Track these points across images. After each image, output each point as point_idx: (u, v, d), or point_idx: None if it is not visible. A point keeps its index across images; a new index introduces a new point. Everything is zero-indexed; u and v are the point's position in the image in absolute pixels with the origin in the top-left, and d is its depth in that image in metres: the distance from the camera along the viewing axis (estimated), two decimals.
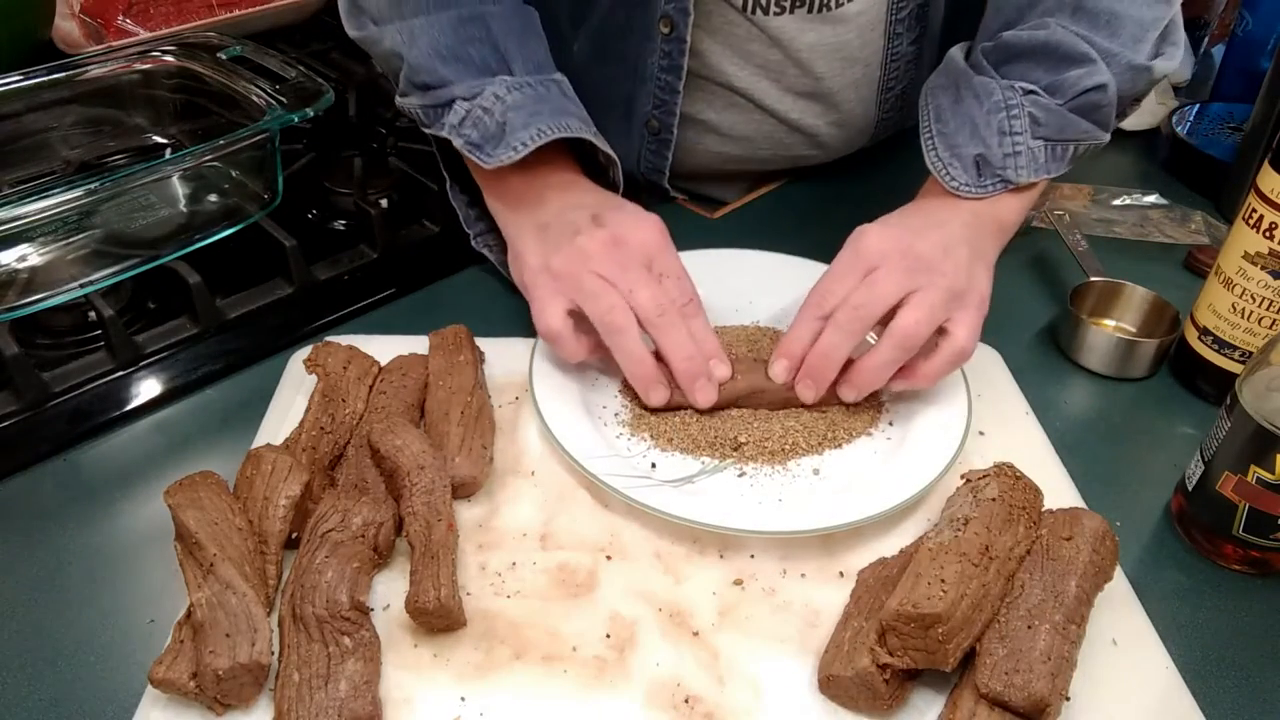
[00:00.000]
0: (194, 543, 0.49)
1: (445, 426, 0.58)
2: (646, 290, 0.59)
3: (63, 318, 0.68)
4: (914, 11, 0.79)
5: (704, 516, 0.54)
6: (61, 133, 0.80)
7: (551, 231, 0.63)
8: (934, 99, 0.68)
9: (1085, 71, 0.63)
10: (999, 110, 0.64)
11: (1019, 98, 0.63)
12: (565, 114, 0.66)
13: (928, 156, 0.66)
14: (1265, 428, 0.52)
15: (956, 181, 0.65)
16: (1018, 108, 0.63)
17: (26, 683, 0.48)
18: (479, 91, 0.65)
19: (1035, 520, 0.52)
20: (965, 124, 0.65)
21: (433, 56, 0.66)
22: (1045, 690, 0.43)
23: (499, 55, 0.67)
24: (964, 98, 0.65)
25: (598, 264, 0.59)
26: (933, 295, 0.58)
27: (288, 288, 0.74)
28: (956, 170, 0.65)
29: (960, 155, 0.65)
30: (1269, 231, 0.62)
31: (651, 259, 0.61)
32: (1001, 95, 0.64)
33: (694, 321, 0.61)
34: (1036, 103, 0.63)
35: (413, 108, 0.69)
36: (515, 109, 0.64)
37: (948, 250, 0.59)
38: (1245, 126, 0.92)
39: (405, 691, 0.47)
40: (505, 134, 0.64)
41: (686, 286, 0.61)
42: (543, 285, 0.62)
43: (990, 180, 0.64)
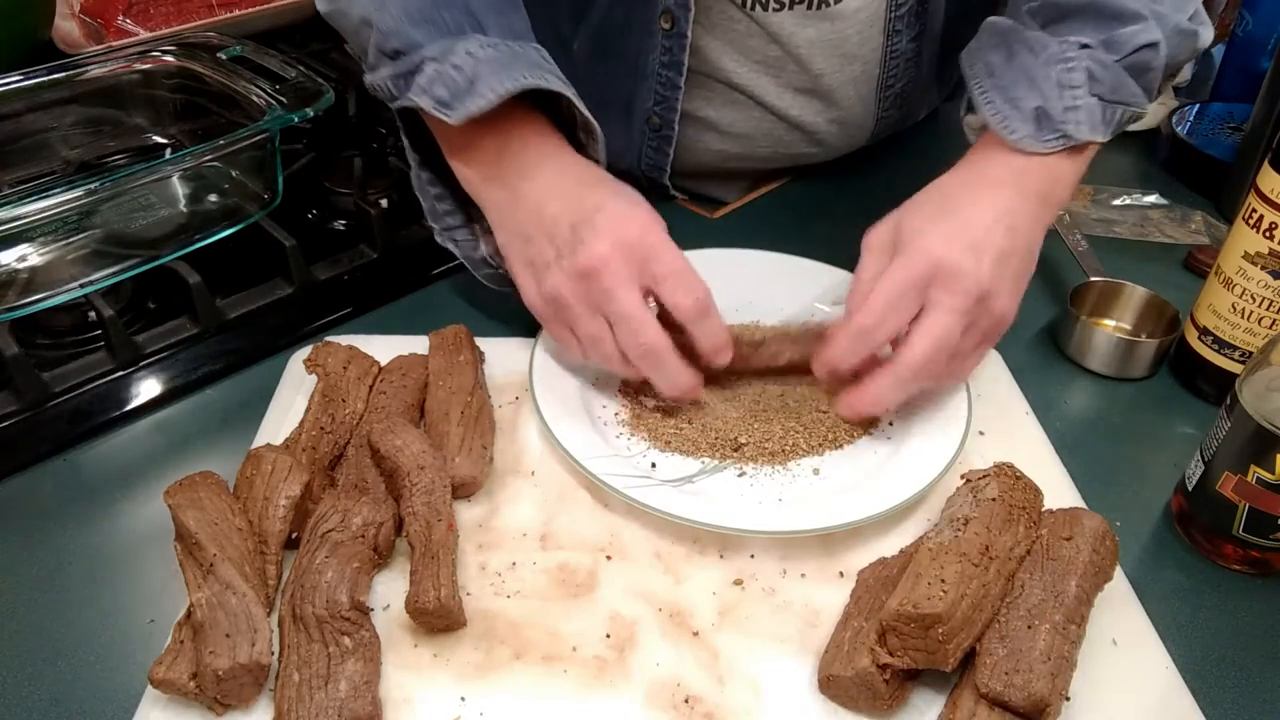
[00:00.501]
0: (194, 543, 0.49)
1: (445, 426, 0.58)
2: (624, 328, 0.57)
3: (63, 318, 0.68)
4: (913, 9, 0.79)
5: (704, 516, 0.54)
6: (61, 133, 0.80)
7: (534, 248, 0.61)
8: (982, 57, 0.65)
9: (1139, 28, 0.61)
10: (1056, 62, 0.61)
11: (1075, 51, 0.61)
12: (541, 69, 0.62)
13: (985, 110, 0.63)
14: (1265, 428, 0.52)
15: (1018, 134, 0.61)
16: (1075, 61, 0.61)
17: (26, 683, 0.48)
18: (450, 49, 0.61)
19: (1035, 520, 0.52)
20: (1021, 77, 0.62)
21: (403, 20, 0.62)
22: (1045, 690, 0.43)
23: (474, 19, 0.63)
24: (1017, 52, 0.63)
25: (583, 294, 0.58)
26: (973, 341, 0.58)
27: (288, 288, 0.74)
28: (1017, 122, 0.62)
29: (1020, 106, 0.62)
30: (1269, 231, 0.62)
31: (643, 264, 0.57)
32: (1057, 48, 0.61)
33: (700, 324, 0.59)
34: (1093, 57, 0.61)
35: (383, 81, 0.65)
36: (487, 63, 0.60)
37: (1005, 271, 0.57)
38: (1245, 126, 0.92)
39: (405, 691, 0.47)
40: (475, 86, 0.59)
41: (688, 285, 0.58)
42: (547, 318, 0.62)
43: (1051, 134, 0.61)
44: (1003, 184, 0.60)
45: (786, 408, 0.63)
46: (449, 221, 0.70)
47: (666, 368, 0.58)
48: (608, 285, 0.57)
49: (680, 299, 0.58)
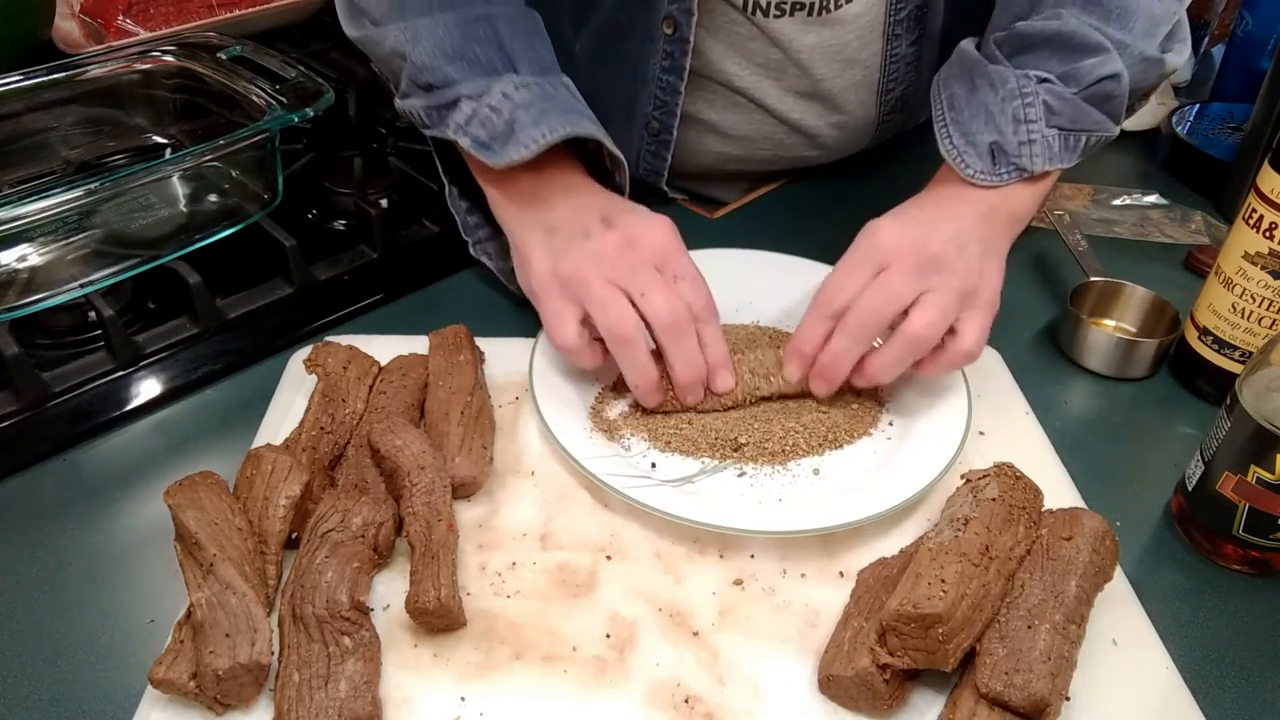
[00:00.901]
0: (194, 543, 0.49)
1: (445, 426, 0.58)
2: (659, 294, 0.58)
3: (63, 318, 0.68)
4: (913, 14, 0.79)
5: (704, 516, 0.54)
6: (61, 133, 0.80)
7: (559, 235, 0.63)
8: (947, 88, 0.67)
9: (1099, 61, 0.63)
10: (1014, 98, 0.63)
11: (1033, 85, 0.63)
12: (575, 113, 0.66)
13: (942, 145, 0.65)
14: (1265, 428, 0.52)
15: (972, 169, 0.64)
16: (1032, 95, 0.63)
17: (26, 683, 0.48)
18: (486, 90, 0.64)
19: (1035, 520, 0.52)
20: (980, 112, 0.65)
21: (438, 56, 0.65)
22: (1045, 690, 0.43)
23: (505, 56, 0.66)
24: (979, 86, 0.65)
25: (608, 268, 0.59)
26: (944, 297, 0.58)
27: (288, 288, 0.74)
28: (971, 158, 0.64)
29: (975, 143, 0.64)
30: (1269, 231, 0.62)
31: (664, 261, 0.60)
32: (1016, 83, 0.63)
33: (706, 328, 0.60)
34: (1051, 91, 0.63)
35: (415, 109, 0.68)
36: (524, 107, 0.63)
37: (961, 247, 0.59)
38: (1245, 126, 0.92)
39: (405, 691, 0.47)
40: (515, 132, 0.63)
41: (701, 289, 0.60)
42: (552, 293, 0.61)
43: (1005, 168, 0.64)
44: (960, 216, 0.62)
45: (786, 408, 0.63)
46: (480, 235, 0.74)
47: (686, 344, 0.59)
48: (643, 258, 0.59)
49: (693, 298, 0.60)
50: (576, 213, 0.63)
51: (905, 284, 0.58)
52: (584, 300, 0.59)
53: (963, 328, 0.59)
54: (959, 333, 0.59)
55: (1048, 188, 0.67)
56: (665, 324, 0.58)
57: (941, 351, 0.59)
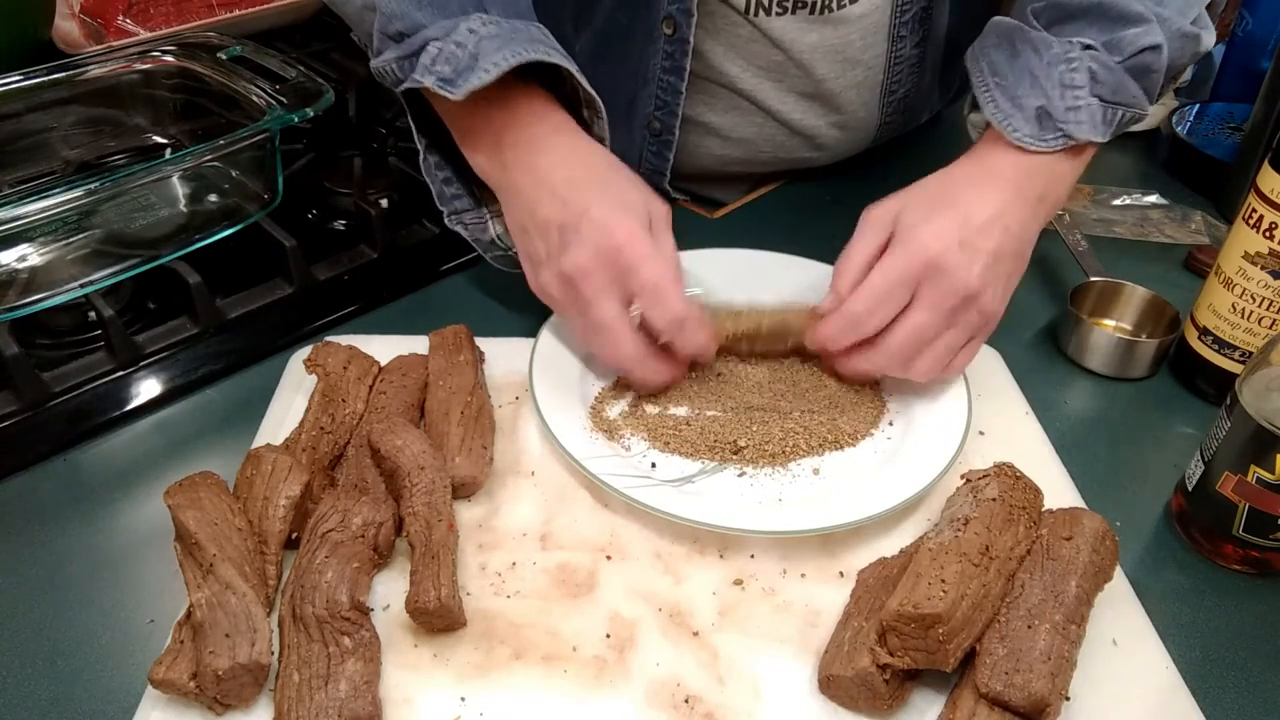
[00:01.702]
0: (193, 543, 0.49)
1: (445, 426, 0.58)
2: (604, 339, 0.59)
3: (63, 318, 0.68)
4: (918, 15, 0.79)
5: (704, 516, 0.54)
6: (61, 133, 0.80)
7: (532, 240, 0.62)
8: (986, 57, 0.66)
9: (1141, 30, 0.62)
10: (1059, 62, 0.62)
11: (1078, 51, 0.62)
12: (541, 44, 0.62)
13: (987, 109, 0.64)
14: (1265, 428, 0.52)
15: (1020, 132, 0.62)
16: (1078, 61, 0.62)
17: (26, 683, 0.48)
18: (453, 29, 0.61)
19: (1035, 520, 0.52)
20: (1024, 76, 0.63)
21: (406, 2, 0.63)
22: (1045, 690, 0.43)
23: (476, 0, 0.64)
24: (1021, 51, 0.64)
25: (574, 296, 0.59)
26: (960, 337, 0.59)
27: (288, 288, 0.74)
28: (1019, 121, 0.63)
29: (1022, 106, 0.63)
30: (1269, 231, 0.62)
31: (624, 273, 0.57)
32: (1060, 49, 0.62)
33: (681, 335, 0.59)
34: (1096, 58, 0.62)
35: (387, 65, 0.65)
36: (489, 39, 0.61)
37: (996, 274, 0.58)
38: (1245, 126, 0.92)
39: (405, 691, 0.47)
40: (477, 61, 0.60)
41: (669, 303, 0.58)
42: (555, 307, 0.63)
43: (1052, 134, 0.62)
44: (1004, 182, 0.61)
45: (786, 409, 0.63)
46: (457, 205, 0.70)
47: (645, 372, 0.61)
48: (587, 295, 0.58)
49: (655, 316, 0.58)
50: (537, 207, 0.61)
51: (936, 326, 0.59)
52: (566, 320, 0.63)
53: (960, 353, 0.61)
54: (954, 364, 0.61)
55: (1081, 168, 0.66)
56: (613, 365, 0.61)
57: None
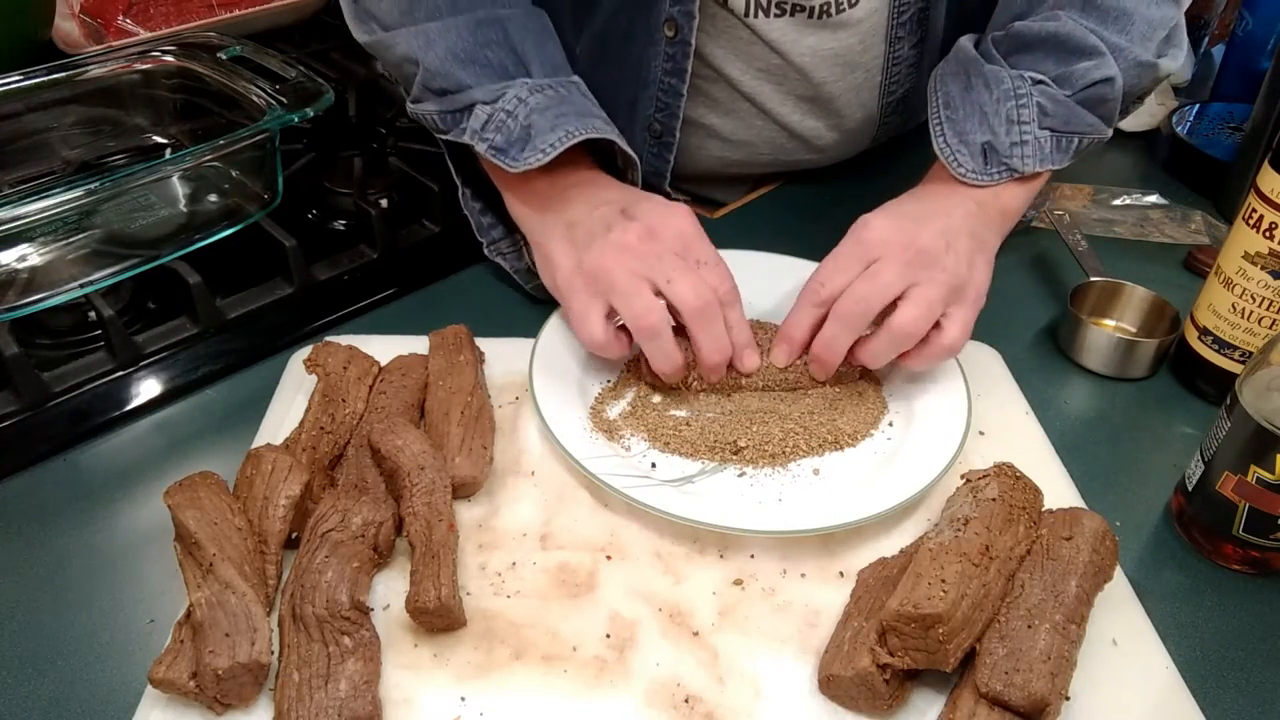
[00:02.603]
0: (193, 543, 0.49)
1: (445, 426, 0.58)
2: (685, 280, 0.58)
3: (63, 318, 0.68)
4: (915, 16, 0.79)
5: (704, 516, 0.54)
6: (61, 133, 0.80)
7: (580, 229, 0.63)
8: (943, 86, 0.68)
9: (1094, 64, 0.64)
10: (1008, 98, 0.64)
11: (1028, 87, 0.64)
12: (589, 115, 0.66)
13: (936, 143, 0.66)
14: (1265, 428, 0.52)
15: (964, 169, 0.65)
16: (1026, 97, 0.64)
17: (26, 682, 0.48)
18: (500, 95, 0.65)
19: (1035, 520, 0.52)
20: (974, 111, 0.65)
21: (450, 60, 0.66)
22: (1045, 690, 0.43)
23: (517, 58, 0.67)
24: (974, 85, 0.66)
25: (631, 259, 0.59)
26: (932, 291, 0.58)
27: (288, 288, 0.74)
28: (964, 157, 0.65)
29: (968, 142, 0.65)
30: (1269, 231, 0.62)
31: (686, 247, 0.60)
32: (1011, 84, 0.64)
33: (731, 311, 0.60)
34: (1045, 93, 0.64)
35: (428, 114, 0.68)
36: (539, 111, 0.64)
37: (950, 242, 0.60)
38: (1245, 126, 0.92)
39: (405, 691, 0.47)
40: (531, 137, 0.64)
41: (724, 273, 0.60)
42: (577, 289, 0.61)
43: (997, 168, 0.65)
44: (950, 211, 0.63)
45: (786, 410, 0.63)
46: (494, 235, 0.74)
47: (714, 327, 0.59)
48: (665, 246, 0.59)
49: (716, 282, 0.60)
50: (595, 207, 0.63)
51: (895, 276, 0.58)
52: (609, 293, 0.59)
53: (947, 323, 0.59)
54: (943, 327, 0.60)
55: (1039, 186, 0.68)
56: (693, 309, 0.58)
57: (925, 344, 0.60)
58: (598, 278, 0.59)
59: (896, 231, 0.59)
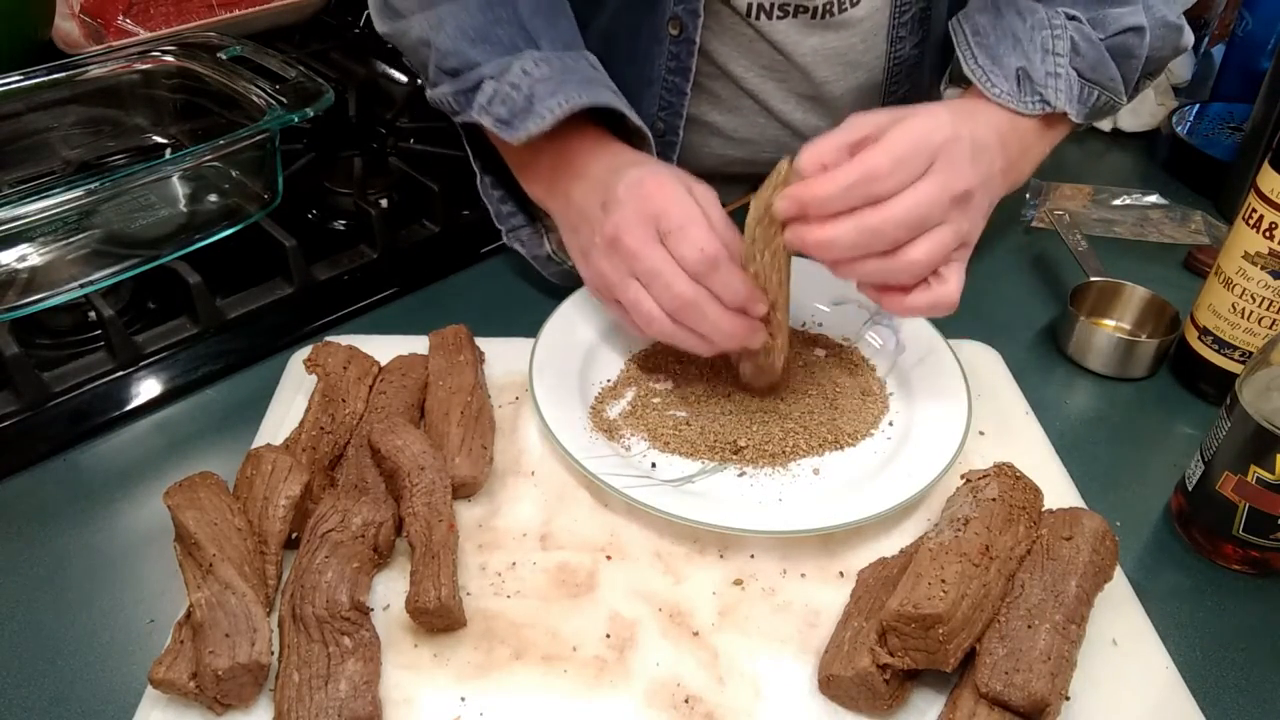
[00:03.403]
0: (193, 543, 0.49)
1: (445, 426, 0.58)
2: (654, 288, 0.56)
3: (63, 318, 0.68)
4: (916, 16, 0.79)
5: (704, 516, 0.54)
6: (61, 133, 0.79)
7: (580, 235, 0.63)
8: (969, 20, 0.67)
9: (1127, 11, 0.63)
10: (1043, 27, 0.62)
11: (1062, 19, 0.62)
12: (594, 84, 0.65)
13: (968, 65, 0.64)
14: (1265, 428, 0.52)
15: (999, 89, 0.63)
16: (1061, 29, 0.62)
17: (26, 682, 0.48)
18: (507, 68, 0.64)
19: (1035, 520, 0.52)
20: (1006, 36, 0.64)
21: (460, 39, 0.65)
22: (1045, 690, 0.43)
23: (527, 34, 0.66)
24: (1005, 14, 0.64)
25: (606, 282, 0.59)
26: (951, 237, 0.54)
27: (288, 288, 0.74)
28: (998, 78, 0.63)
29: (1003, 64, 0.63)
30: (1269, 231, 0.62)
31: (657, 217, 0.56)
32: (1045, 14, 0.63)
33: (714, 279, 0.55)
34: (1079, 29, 0.62)
35: (444, 97, 0.68)
36: (542, 81, 0.63)
37: (983, 192, 0.56)
38: (1245, 126, 0.92)
39: (405, 691, 0.47)
40: (533, 105, 0.62)
41: (695, 236, 0.55)
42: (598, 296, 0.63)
43: (1031, 96, 0.62)
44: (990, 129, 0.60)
45: (786, 410, 0.63)
46: (513, 223, 0.73)
47: (707, 315, 0.56)
48: (631, 247, 0.56)
49: (684, 252, 0.55)
50: (588, 194, 0.62)
51: (939, 209, 0.53)
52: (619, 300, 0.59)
53: (948, 274, 0.55)
54: (945, 278, 0.55)
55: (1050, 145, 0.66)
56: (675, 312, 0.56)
57: (926, 290, 0.56)
58: (604, 286, 0.60)
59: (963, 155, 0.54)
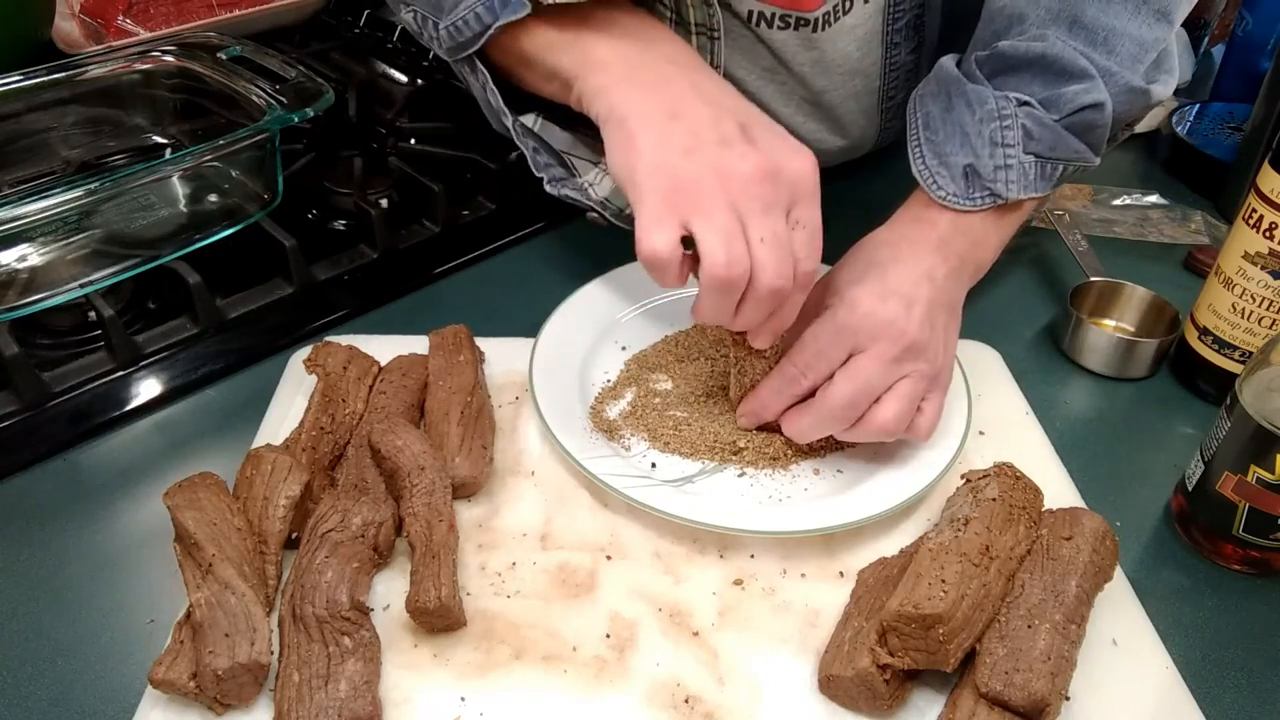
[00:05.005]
0: (192, 543, 0.49)
1: (445, 426, 0.58)
2: (775, 253, 0.51)
3: (63, 318, 0.68)
4: (910, 21, 0.79)
5: (704, 516, 0.54)
6: (61, 133, 0.80)
7: (684, 125, 0.53)
8: (923, 106, 0.65)
9: (1083, 88, 0.60)
10: (992, 119, 0.61)
11: (1013, 108, 0.61)
12: None
13: (915, 166, 0.63)
14: (1265, 428, 0.52)
15: (944, 191, 0.62)
16: (1011, 118, 0.61)
17: (26, 683, 0.48)
18: None
19: (1035, 520, 0.52)
20: (955, 132, 0.62)
21: None
22: (1045, 690, 0.43)
23: None
24: (955, 105, 0.63)
25: (738, 192, 0.51)
26: (916, 386, 0.56)
27: (288, 288, 0.74)
28: (944, 179, 0.62)
29: (949, 164, 0.62)
30: (1269, 231, 0.62)
31: (795, 202, 0.53)
32: (995, 104, 0.61)
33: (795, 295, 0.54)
34: (1031, 115, 0.61)
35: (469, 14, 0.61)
36: None
37: (934, 326, 0.57)
38: (1245, 126, 0.92)
39: (405, 691, 0.47)
40: None
41: (814, 249, 0.54)
42: (658, 192, 0.51)
43: (979, 193, 0.61)
44: (925, 244, 0.60)
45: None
46: (552, 172, 0.67)
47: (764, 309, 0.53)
48: (779, 195, 0.52)
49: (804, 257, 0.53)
50: (711, 107, 0.55)
51: (882, 374, 0.55)
52: (696, 216, 0.51)
53: (925, 407, 0.57)
54: (921, 411, 0.57)
55: (1015, 225, 0.65)
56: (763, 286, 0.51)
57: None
58: (689, 194, 0.51)
59: (884, 318, 0.55)
